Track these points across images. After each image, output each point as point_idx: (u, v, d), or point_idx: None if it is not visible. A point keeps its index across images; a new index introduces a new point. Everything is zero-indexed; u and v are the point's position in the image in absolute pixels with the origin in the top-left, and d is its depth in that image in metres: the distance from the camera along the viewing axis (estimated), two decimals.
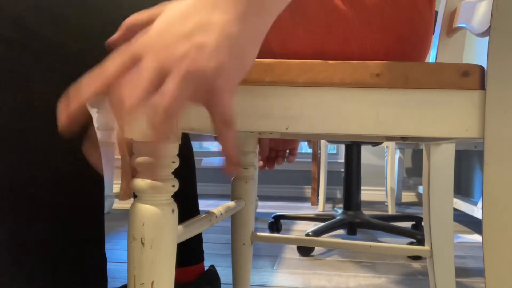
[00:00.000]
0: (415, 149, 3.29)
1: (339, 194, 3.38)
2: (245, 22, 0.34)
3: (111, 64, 0.34)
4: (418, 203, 3.17)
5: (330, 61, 0.46)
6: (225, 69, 0.33)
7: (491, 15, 0.44)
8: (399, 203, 3.06)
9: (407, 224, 2.05)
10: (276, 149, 1.00)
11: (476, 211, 1.87)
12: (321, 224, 1.63)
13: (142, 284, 0.46)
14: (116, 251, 1.51)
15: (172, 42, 0.33)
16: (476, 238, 1.88)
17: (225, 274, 1.25)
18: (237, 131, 0.34)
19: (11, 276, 0.54)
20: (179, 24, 0.33)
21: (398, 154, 2.92)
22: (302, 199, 3.24)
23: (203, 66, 0.32)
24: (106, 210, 2.28)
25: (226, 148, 0.34)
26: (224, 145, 0.34)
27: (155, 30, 0.34)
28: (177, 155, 0.49)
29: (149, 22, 0.37)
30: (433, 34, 0.77)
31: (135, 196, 0.72)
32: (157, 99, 0.32)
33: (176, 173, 0.50)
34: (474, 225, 2.20)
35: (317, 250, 1.57)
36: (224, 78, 0.33)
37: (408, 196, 3.32)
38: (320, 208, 2.59)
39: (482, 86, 0.45)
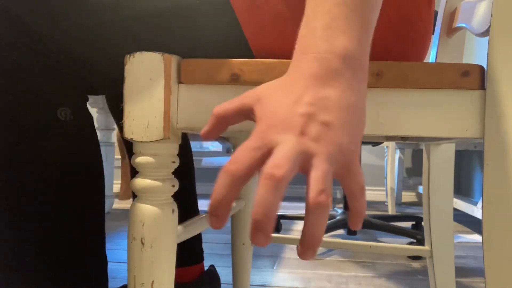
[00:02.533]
0: (415, 149, 3.29)
1: (339, 194, 3.39)
2: (354, 87, 0.35)
3: (243, 155, 0.33)
4: (418, 203, 3.17)
5: None
6: (355, 141, 0.34)
7: (491, 15, 0.44)
8: (399, 203, 3.06)
9: (407, 224, 2.05)
10: None
11: (476, 211, 1.87)
12: None
13: (142, 284, 0.46)
14: (116, 251, 1.51)
15: (302, 125, 0.32)
16: (476, 238, 1.88)
17: (225, 274, 1.25)
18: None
19: (12, 276, 0.54)
20: (297, 106, 0.33)
21: (398, 154, 2.92)
22: (302, 199, 3.24)
23: (339, 144, 0.33)
24: (106, 210, 2.28)
25: (359, 210, 0.34)
26: (358, 209, 0.34)
27: (275, 115, 0.34)
28: (177, 155, 0.49)
29: (242, 111, 0.37)
30: (433, 34, 0.77)
31: (135, 196, 0.72)
32: (311, 186, 0.31)
33: (176, 173, 0.50)
34: (474, 225, 2.20)
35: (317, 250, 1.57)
36: (355, 150, 0.34)
37: (408, 196, 3.32)
38: None
39: (482, 86, 0.45)
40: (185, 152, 0.90)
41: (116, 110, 0.88)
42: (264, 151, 0.32)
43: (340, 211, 1.83)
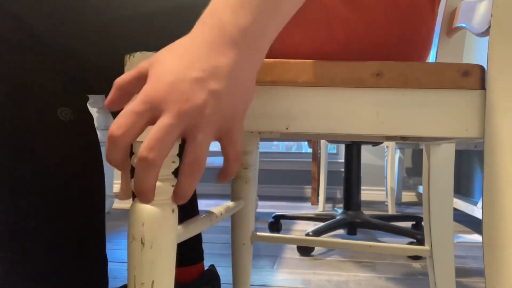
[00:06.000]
0: (415, 149, 3.29)
1: (339, 194, 3.38)
2: (246, 62, 0.37)
3: (127, 121, 0.34)
4: (418, 203, 3.17)
5: (330, 61, 0.46)
6: (238, 111, 0.36)
7: (491, 15, 0.44)
8: (399, 203, 3.06)
9: (407, 224, 2.05)
10: None
11: (476, 211, 1.87)
12: (321, 224, 1.63)
13: (142, 284, 0.46)
14: (116, 251, 1.51)
15: (188, 91, 0.34)
16: (476, 238, 1.88)
17: (225, 274, 1.25)
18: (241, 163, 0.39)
19: (13, 276, 0.54)
20: (188, 70, 0.34)
21: (398, 154, 2.92)
22: (302, 199, 3.24)
23: (222, 113, 0.35)
24: (106, 210, 2.28)
25: (228, 172, 0.39)
26: (228, 170, 0.39)
27: (163, 78, 0.34)
28: (177, 155, 0.49)
29: (141, 77, 0.37)
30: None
31: (135, 196, 0.72)
32: (189, 153, 0.35)
33: (176, 173, 0.50)
34: (474, 225, 2.20)
35: (317, 250, 1.57)
36: (238, 118, 0.37)
37: (408, 196, 3.32)
38: (320, 208, 2.59)
39: (482, 86, 0.45)
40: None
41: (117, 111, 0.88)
42: (146, 118, 0.34)
43: (340, 211, 1.83)
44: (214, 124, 0.35)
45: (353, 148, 1.80)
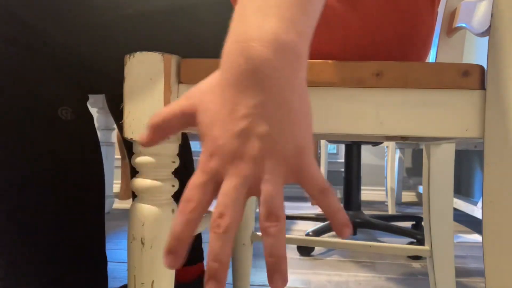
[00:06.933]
0: (415, 149, 3.29)
1: (339, 194, 3.38)
2: (289, 85, 0.31)
3: (195, 194, 0.31)
4: (418, 203, 3.17)
5: (330, 61, 0.46)
6: (303, 141, 0.31)
7: (491, 15, 0.44)
8: (399, 203, 3.05)
9: (407, 224, 2.05)
10: None
11: (476, 211, 1.87)
12: (321, 224, 1.63)
13: (142, 284, 0.46)
14: (116, 251, 1.51)
15: (238, 150, 0.30)
16: (476, 238, 1.88)
17: None
18: (334, 192, 0.32)
19: (13, 277, 0.54)
20: (232, 123, 0.31)
21: (398, 154, 2.92)
22: (302, 199, 3.24)
23: (282, 152, 0.30)
24: (106, 210, 2.28)
25: (332, 213, 0.32)
26: (329, 210, 0.32)
27: (215, 139, 0.31)
28: (177, 155, 0.49)
29: (184, 118, 0.34)
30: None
31: (135, 196, 0.72)
32: (261, 209, 0.30)
33: (176, 173, 0.50)
34: (474, 225, 2.20)
35: (317, 250, 1.57)
36: (304, 152, 0.31)
37: (408, 196, 3.32)
38: None
39: (482, 86, 0.45)
40: (185, 152, 0.90)
41: (116, 110, 0.88)
42: (212, 185, 0.32)
43: None
44: (279, 169, 0.30)
45: (353, 148, 1.80)
